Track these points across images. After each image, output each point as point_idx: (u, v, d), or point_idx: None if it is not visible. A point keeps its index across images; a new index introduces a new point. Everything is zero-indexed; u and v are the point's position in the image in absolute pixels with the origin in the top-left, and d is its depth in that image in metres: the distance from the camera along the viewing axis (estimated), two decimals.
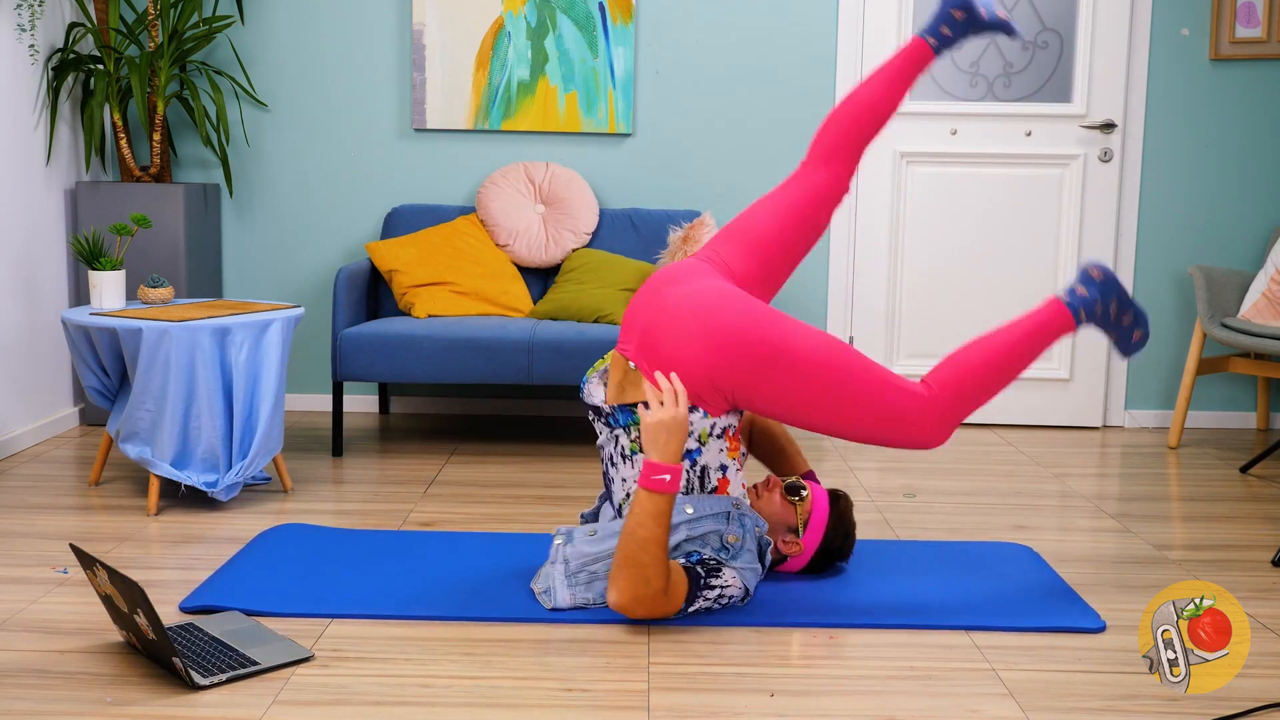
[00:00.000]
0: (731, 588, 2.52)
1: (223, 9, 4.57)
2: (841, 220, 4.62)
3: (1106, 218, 4.60)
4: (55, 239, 4.23)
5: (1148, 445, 4.41)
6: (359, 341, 3.91)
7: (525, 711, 2.10)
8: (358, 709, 2.10)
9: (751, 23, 4.56)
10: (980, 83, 4.57)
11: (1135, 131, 4.57)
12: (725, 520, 2.57)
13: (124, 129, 4.31)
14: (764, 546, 2.65)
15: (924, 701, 2.17)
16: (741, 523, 2.58)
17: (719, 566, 2.52)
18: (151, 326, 3.19)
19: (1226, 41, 4.50)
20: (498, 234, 4.39)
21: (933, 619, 2.54)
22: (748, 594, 2.55)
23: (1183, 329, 4.69)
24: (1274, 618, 2.63)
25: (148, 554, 2.93)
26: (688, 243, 4.21)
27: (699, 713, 2.11)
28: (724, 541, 2.56)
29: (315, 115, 4.62)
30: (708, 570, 2.51)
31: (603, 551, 2.55)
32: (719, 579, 2.50)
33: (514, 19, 4.51)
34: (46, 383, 4.17)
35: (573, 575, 2.55)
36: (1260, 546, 3.16)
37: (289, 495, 3.49)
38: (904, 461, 4.06)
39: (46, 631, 2.43)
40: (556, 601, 2.54)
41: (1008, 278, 4.62)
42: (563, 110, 4.55)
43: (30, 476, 3.63)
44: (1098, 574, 2.90)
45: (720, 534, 2.56)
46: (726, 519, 2.57)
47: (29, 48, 4.06)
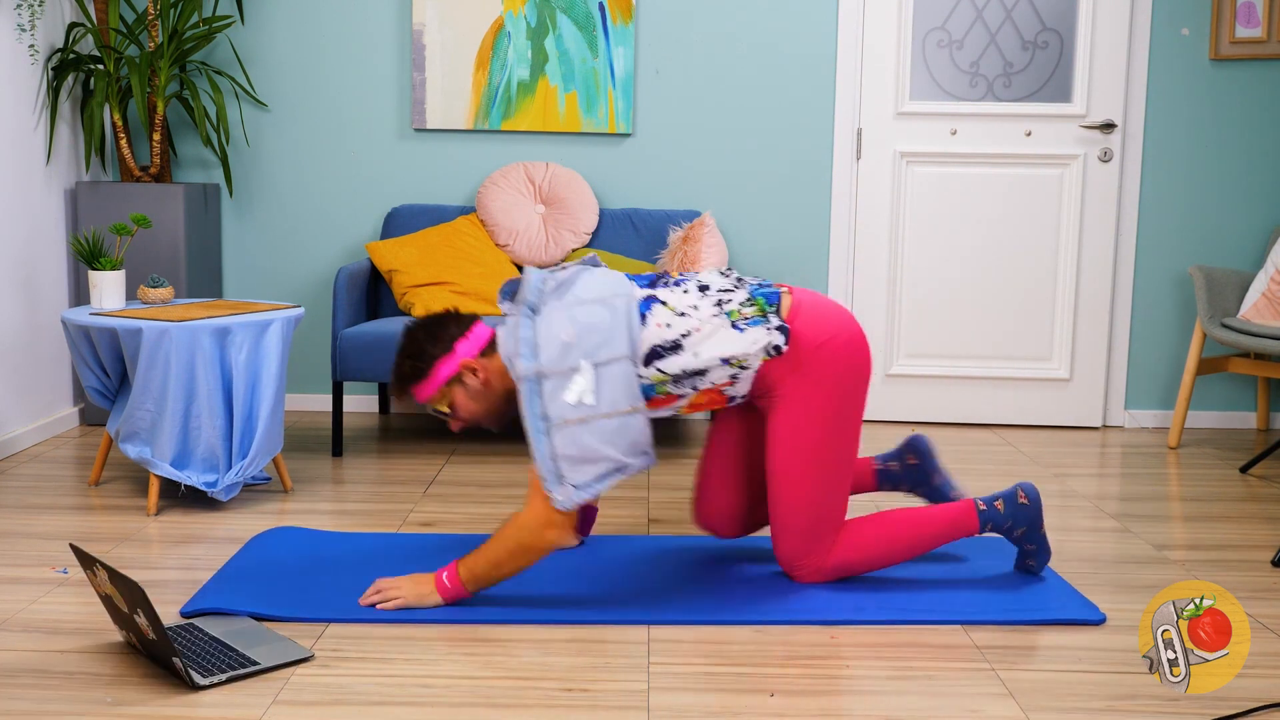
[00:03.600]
0: (603, 461, 2.48)
1: (223, 9, 4.57)
2: (841, 220, 4.62)
3: (1106, 218, 4.60)
4: (55, 239, 4.23)
5: (1148, 445, 4.41)
6: (359, 341, 3.91)
7: (525, 711, 2.10)
8: (358, 709, 2.10)
9: (751, 23, 4.56)
10: (980, 83, 4.57)
11: (1135, 131, 4.57)
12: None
13: (124, 129, 4.31)
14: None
15: (924, 701, 2.17)
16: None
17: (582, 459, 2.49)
18: (151, 326, 3.19)
19: (1226, 41, 4.50)
20: (498, 234, 4.39)
21: (934, 615, 2.54)
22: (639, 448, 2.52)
23: (1183, 329, 4.69)
24: (1274, 618, 2.63)
25: (148, 554, 2.93)
26: (688, 243, 4.21)
27: (699, 713, 2.11)
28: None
29: (315, 115, 4.62)
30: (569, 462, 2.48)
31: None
32: (584, 470, 2.47)
33: (514, 19, 4.51)
34: (46, 383, 4.17)
35: None
36: (1260, 546, 3.16)
37: (289, 495, 3.49)
38: None
39: (46, 631, 2.43)
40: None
41: (1008, 278, 4.62)
42: (563, 110, 4.55)
43: (30, 476, 3.63)
44: (1098, 574, 2.90)
45: None
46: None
47: (29, 48, 4.06)
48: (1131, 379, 4.71)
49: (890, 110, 4.58)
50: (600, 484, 2.48)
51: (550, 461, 2.47)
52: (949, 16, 4.54)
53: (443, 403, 2.67)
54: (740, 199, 4.63)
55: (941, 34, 4.55)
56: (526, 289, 2.59)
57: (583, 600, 2.61)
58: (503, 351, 2.59)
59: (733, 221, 4.64)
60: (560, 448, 2.46)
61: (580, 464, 2.46)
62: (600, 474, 2.48)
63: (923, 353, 4.68)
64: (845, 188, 4.61)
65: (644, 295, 2.62)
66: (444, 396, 2.66)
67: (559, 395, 2.46)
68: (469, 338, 2.65)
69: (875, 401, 4.71)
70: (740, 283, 2.68)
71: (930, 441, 3.02)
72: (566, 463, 2.46)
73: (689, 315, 2.58)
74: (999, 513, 2.72)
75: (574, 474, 2.47)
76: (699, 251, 4.04)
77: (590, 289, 2.59)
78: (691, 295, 2.63)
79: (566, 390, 2.46)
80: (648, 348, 2.54)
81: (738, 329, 2.57)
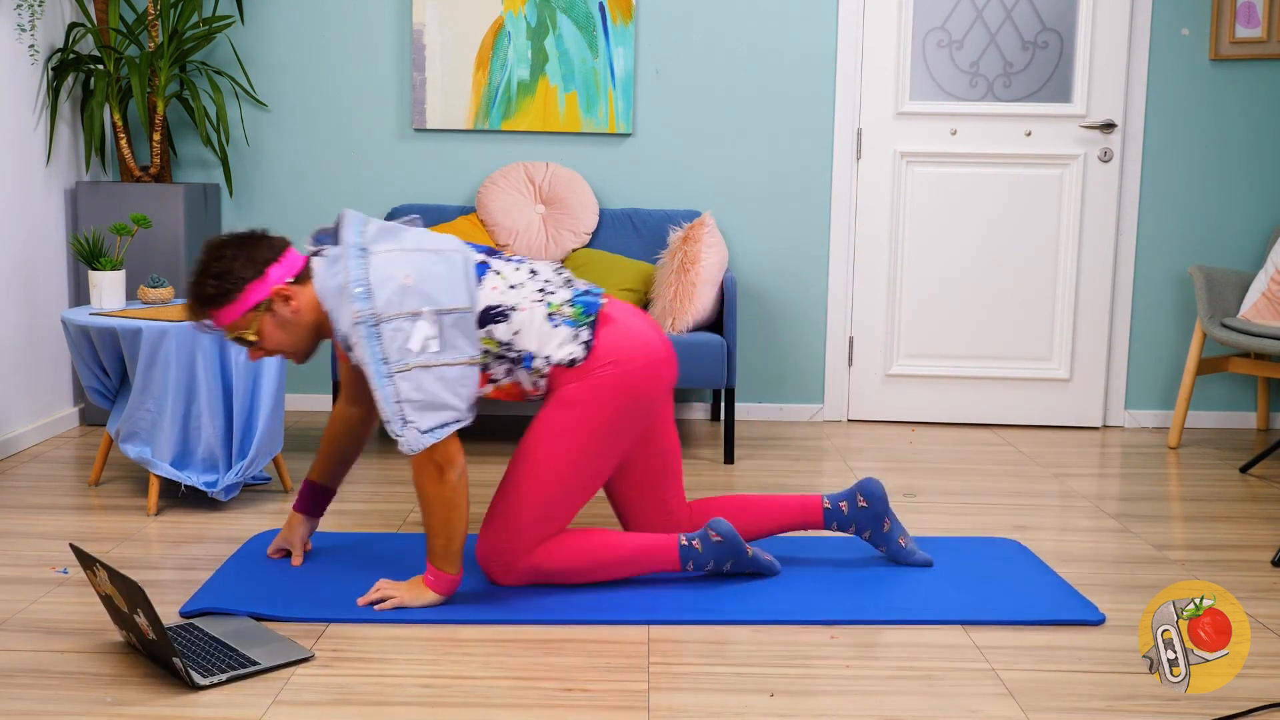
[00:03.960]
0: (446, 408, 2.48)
1: (223, 9, 4.57)
2: (841, 220, 4.62)
3: (1106, 218, 4.60)
4: (55, 239, 4.23)
5: (1148, 445, 4.41)
6: None
7: (525, 711, 2.10)
8: (358, 709, 2.10)
9: (751, 22, 4.56)
10: (980, 83, 4.57)
11: (1135, 131, 4.57)
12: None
13: (124, 129, 4.31)
14: None
15: (924, 701, 2.17)
16: None
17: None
18: (151, 326, 3.19)
19: (1226, 41, 4.50)
20: (498, 234, 4.39)
21: (933, 614, 2.54)
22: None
23: (1183, 329, 4.69)
24: (1274, 618, 2.63)
25: (148, 554, 2.93)
26: (688, 243, 4.20)
27: (699, 713, 2.11)
28: None
29: (315, 115, 4.62)
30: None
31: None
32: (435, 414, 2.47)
33: (514, 19, 4.51)
34: (46, 383, 4.17)
35: None
36: (1260, 546, 3.16)
37: (289, 495, 3.49)
38: (904, 462, 4.06)
39: (46, 631, 2.43)
40: None
41: (1008, 278, 4.62)
42: (563, 110, 4.55)
43: (30, 476, 3.63)
44: (1098, 574, 2.90)
45: None
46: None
47: (29, 48, 4.06)
48: (1131, 379, 4.71)
49: (890, 110, 4.58)
50: (443, 430, 2.46)
51: (395, 404, 2.43)
52: (949, 16, 4.54)
53: (249, 330, 2.53)
54: (740, 199, 4.63)
55: (941, 34, 4.55)
56: (348, 229, 2.53)
57: (583, 600, 2.61)
58: (319, 284, 2.52)
59: (733, 221, 4.64)
60: (404, 392, 2.42)
61: (425, 410, 2.44)
62: (443, 421, 2.45)
63: (923, 353, 4.68)
64: (845, 188, 4.61)
65: (480, 259, 2.63)
66: (250, 323, 2.53)
67: (399, 339, 2.42)
68: (282, 262, 2.54)
69: (875, 401, 4.71)
70: (569, 283, 2.68)
71: (883, 487, 2.93)
72: (410, 407, 2.43)
73: (518, 289, 2.60)
74: (699, 553, 2.68)
75: (419, 419, 2.44)
76: (699, 251, 4.04)
77: (425, 241, 2.57)
78: (522, 274, 2.64)
79: (411, 336, 2.43)
80: (483, 306, 2.55)
81: (552, 321, 2.58)
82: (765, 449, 4.22)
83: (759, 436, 4.43)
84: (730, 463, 3.96)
